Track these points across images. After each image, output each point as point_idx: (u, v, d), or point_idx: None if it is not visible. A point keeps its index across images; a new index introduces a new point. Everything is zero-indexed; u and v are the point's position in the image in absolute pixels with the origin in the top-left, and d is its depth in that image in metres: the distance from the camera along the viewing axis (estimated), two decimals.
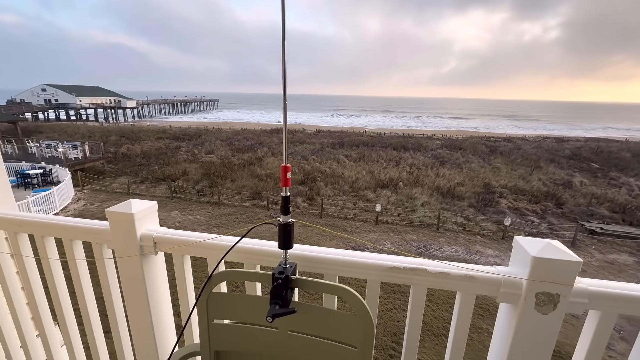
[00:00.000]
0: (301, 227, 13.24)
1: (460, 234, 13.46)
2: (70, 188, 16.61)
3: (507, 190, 19.01)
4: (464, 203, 17.06)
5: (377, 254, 0.90)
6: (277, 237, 0.83)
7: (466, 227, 14.03)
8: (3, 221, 1.16)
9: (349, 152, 27.95)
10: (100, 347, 1.30)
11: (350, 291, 0.75)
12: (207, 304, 0.83)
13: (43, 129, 37.20)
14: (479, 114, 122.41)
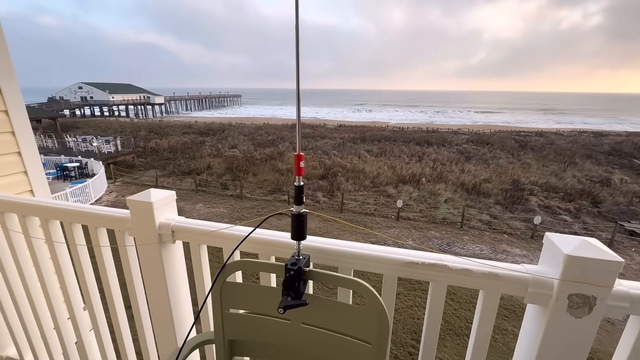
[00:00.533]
0: (321, 222, 13.27)
1: (485, 232, 12.99)
2: (104, 180, 17.55)
3: (537, 188, 18.09)
4: (490, 200, 16.42)
5: (394, 248, 0.86)
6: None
7: (492, 225, 13.52)
8: (36, 208, 1.23)
9: (371, 147, 27.61)
10: (124, 332, 1.35)
11: (364, 285, 0.73)
12: (221, 293, 0.83)
13: (79, 125, 39.44)
14: (510, 107, 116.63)
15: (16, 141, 1.78)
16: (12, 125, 1.76)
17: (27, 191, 1.85)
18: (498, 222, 13.86)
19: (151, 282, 1.11)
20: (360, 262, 0.86)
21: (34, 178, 1.88)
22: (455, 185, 18.31)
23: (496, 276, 0.76)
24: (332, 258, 0.88)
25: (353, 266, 0.88)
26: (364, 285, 0.72)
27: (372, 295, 0.71)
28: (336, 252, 0.87)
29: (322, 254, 0.88)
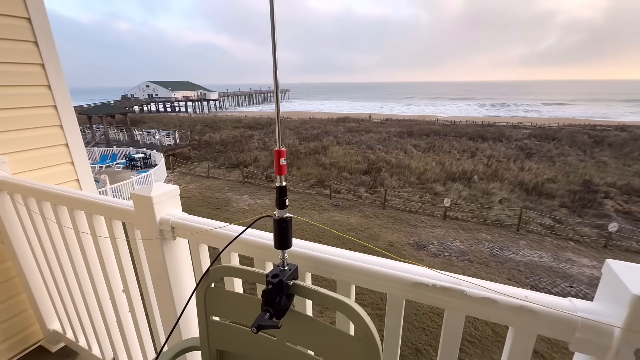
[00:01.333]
0: (363, 218, 13.04)
1: (546, 238, 11.67)
2: (164, 170, 19.20)
3: (615, 190, 15.74)
4: (554, 202, 14.70)
5: (403, 264, 0.72)
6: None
7: (555, 230, 12.09)
8: (63, 198, 1.29)
9: (418, 142, 26.37)
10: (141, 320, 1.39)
11: (352, 308, 0.60)
12: (205, 298, 0.77)
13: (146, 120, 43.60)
14: (585, 98, 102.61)
15: (64, 134, 1.94)
16: (61, 120, 1.91)
17: (74, 180, 2.01)
18: (563, 227, 12.36)
19: (156, 278, 1.10)
20: (361, 278, 0.73)
21: (79, 168, 2.03)
22: (513, 184, 16.70)
23: (531, 312, 0.58)
24: (328, 270, 0.77)
25: (353, 281, 0.76)
26: (351, 309, 0.60)
27: (360, 321, 0.59)
28: (332, 262, 0.75)
29: (317, 264, 0.77)
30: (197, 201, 14.98)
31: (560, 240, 11.56)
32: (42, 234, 1.54)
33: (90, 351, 1.72)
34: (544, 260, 10.18)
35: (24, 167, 1.75)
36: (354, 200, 15.10)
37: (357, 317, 0.60)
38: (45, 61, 1.79)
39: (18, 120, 1.73)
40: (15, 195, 1.54)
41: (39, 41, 1.76)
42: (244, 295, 0.78)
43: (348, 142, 26.96)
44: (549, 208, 14.08)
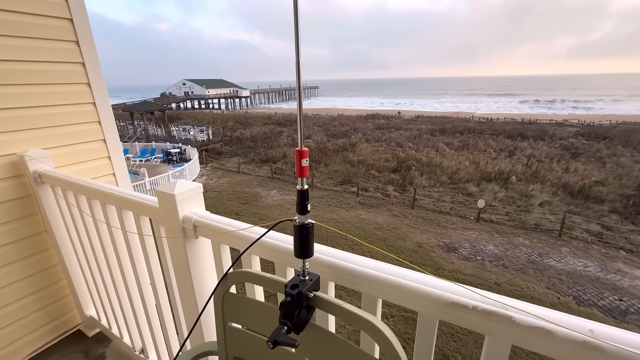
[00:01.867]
0: (391, 217, 12.76)
1: (593, 245, 10.75)
2: (197, 165, 20.00)
3: None
4: (603, 207, 13.49)
5: (437, 280, 0.64)
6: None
7: (604, 238, 11.10)
8: (96, 192, 1.34)
9: (451, 140, 25.32)
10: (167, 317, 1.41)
11: (377, 328, 0.54)
12: (223, 303, 0.74)
13: (182, 116, 45.66)
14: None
15: (102, 130, 2.03)
16: (99, 116, 2.00)
17: (110, 174, 2.10)
18: (613, 234, 11.31)
19: (179, 275, 1.10)
20: (389, 292, 0.66)
21: (116, 163, 2.12)
22: (556, 186, 15.55)
23: (597, 350, 0.48)
24: (353, 280, 0.70)
25: (380, 295, 0.69)
26: (377, 329, 0.54)
27: (387, 343, 0.52)
28: (357, 273, 0.69)
29: (341, 274, 0.71)
30: (227, 195, 15.45)
31: (609, 248, 10.60)
32: (79, 226, 1.61)
33: (122, 339, 1.80)
34: (590, 270, 9.39)
35: (65, 161, 1.85)
36: (381, 198, 14.83)
37: (383, 338, 0.54)
38: (85, 60, 1.88)
39: (60, 116, 1.82)
40: (56, 188, 1.63)
41: (80, 41, 1.84)
42: (263, 303, 0.74)
43: (377, 139, 26.49)
44: (597, 213, 12.95)
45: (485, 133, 27.94)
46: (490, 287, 8.40)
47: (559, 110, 58.18)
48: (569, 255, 10.19)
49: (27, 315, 1.86)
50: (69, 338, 2.02)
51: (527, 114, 47.51)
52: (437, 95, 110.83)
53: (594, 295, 8.31)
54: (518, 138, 25.73)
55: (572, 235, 11.29)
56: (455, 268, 9.22)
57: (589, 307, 7.88)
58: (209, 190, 16.38)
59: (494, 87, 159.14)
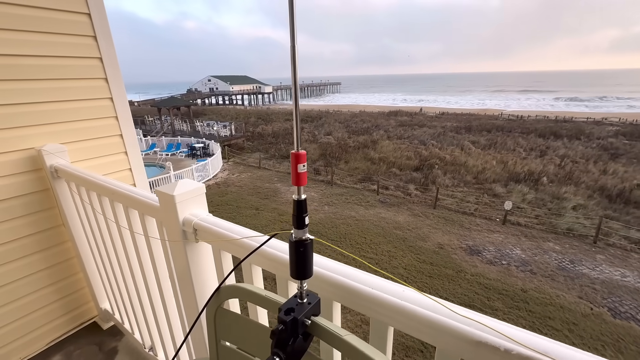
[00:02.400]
0: (411, 217, 12.43)
1: (632, 254, 9.99)
2: (220, 160, 20.42)
3: None
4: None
5: (463, 310, 0.53)
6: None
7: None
8: (105, 189, 1.32)
9: (477, 138, 24.33)
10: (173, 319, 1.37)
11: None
12: (215, 319, 0.68)
13: (206, 112, 46.78)
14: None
15: (119, 125, 2.04)
16: (116, 111, 2.01)
17: (127, 169, 2.12)
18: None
19: (181, 278, 1.05)
20: (402, 320, 0.56)
21: (132, 158, 2.13)
22: (592, 189, 14.57)
23: None
24: (361, 303, 0.61)
25: (392, 322, 0.59)
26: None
27: None
28: (366, 295, 0.59)
29: (347, 294, 0.62)
30: (248, 190, 15.67)
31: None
32: (92, 221, 1.62)
33: (133, 335, 1.80)
34: (628, 280, 8.72)
35: (81, 156, 1.87)
36: (402, 197, 14.49)
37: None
38: (103, 55, 1.88)
39: (78, 111, 1.84)
40: (71, 183, 1.64)
41: (97, 36, 1.84)
42: (257, 323, 0.66)
43: (399, 136, 25.93)
44: (638, 219, 12.00)
45: (515, 131, 26.63)
46: (515, 293, 8.00)
47: (597, 107, 54.47)
48: (605, 263, 9.51)
49: (46, 305, 1.91)
50: (85, 329, 2.06)
51: (561, 112, 44.84)
52: (463, 91, 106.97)
53: (632, 308, 7.71)
54: (551, 137, 24.33)
55: (609, 242, 10.53)
56: (479, 272, 8.85)
57: (625, 320, 7.32)
58: (230, 185, 16.69)
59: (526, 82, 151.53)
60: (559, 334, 6.80)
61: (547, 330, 6.90)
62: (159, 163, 19.81)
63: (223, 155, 21.92)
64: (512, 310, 7.48)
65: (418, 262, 9.27)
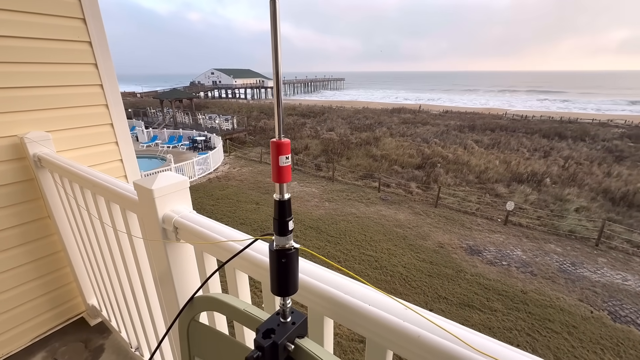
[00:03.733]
0: (412, 214, 12.34)
1: (634, 257, 9.89)
2: (221, 153, 20.32)
3: None
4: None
5: (476, 336, 0.44)
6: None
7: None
8: (88, 181, 1.23)
9: (481, 137, 24.12)
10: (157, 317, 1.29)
11: None
12: (189, 333, 0.59)
13: (209, 105, 46.60)
14: None
15: (109, 113, 1.94)
16: (107, 99, 1.91)
17: (118, 160, 2.03)
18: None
19: (162, 282, 0.97)
20: (403, 345, 0.47)
21: (123, 149, 2.04)
22: (595, 191, 14.42)
23: None
24: (356, 321, 0.52)
25: (390, 346, 0.50)
26: None
27: None
28: (361, 312, 0.50)
29: (340, 310, 0.53)
30: (248, 184, 15.60)
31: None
32: (77, 214, 1.53)
33: (120, 333, 1.73)
34: (629, 284, 8.64)
35: (68, 145, 1.78)
36: (403, 195, 14.39)
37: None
38: (92, 39, 1.78)
39: (64, 98, 1.74)
40: (54, 173, 1.56)
41: (87, 19, 1.74)
42: (235, 342, 0.57)
43: (402, 134, 25.74)
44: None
45: (519, 131, 26.39)
46: (515, 294, 7.93)
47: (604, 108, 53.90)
48: (606, 266, 9.41)
49: (32, 299, 1.84)
50: (72, 325, 1.99)
51: (566, 112, 44.43)
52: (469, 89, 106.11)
53: (633, 312, 7.63)
54: (555, 138, 24.09)
55: (611, 245, 10.42)
56: (479, 272, 8.77)
57: (626, 324, 7.24)
58: (231, 178, 16.62)
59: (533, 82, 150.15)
60: (558, 337, 6.73)
61: (546, 332, 6.83)
62: (160, 155, 19.74)
63: (224, 149, 21.81)
64: (512, 311, 7.41)
65: (418, 261, 9.20)
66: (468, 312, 7.30)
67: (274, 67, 0.38)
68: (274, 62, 0.36)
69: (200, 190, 14.61)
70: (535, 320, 7.14)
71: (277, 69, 0.38)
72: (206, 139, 22.08)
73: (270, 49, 0.35)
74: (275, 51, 0.36)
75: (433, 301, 7.59)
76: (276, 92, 0.39)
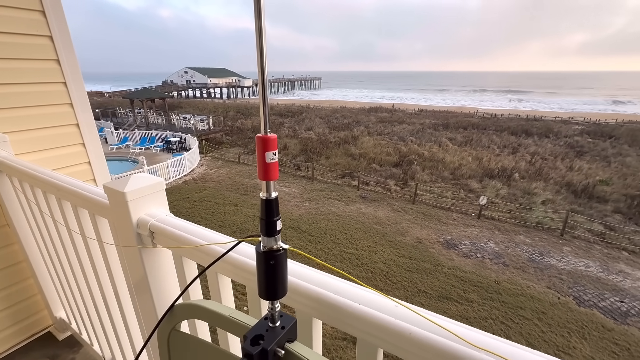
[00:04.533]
0: (391, 212, 12.58)
1: (595, 245, 10.60)
2: (197, 155, 19.76)
3: None
4: (606, 207, 13.30)
5: (470, 331, 0.44)
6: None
7: (606, 238, 10.94)
8: (51, 185, 1.14)
9: (454, 135, 24.98)
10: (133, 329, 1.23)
11: None
12: (169, 343, 0.56)
13: (183, 105, 45.16)
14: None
15: (74, 113, 1.82)
16: (71, 97, 1.79)
17: (85, 162, 1.90)
18: (616, 235, 11.14)
19: (138, 290, 0.91)
20: (395, 342, 0.47)
21: (91, 151, 1.91)
22: (559, 185, 15.33)
23: None
24: (345, 320, 0.51)
25: (381, 344, 0.50)
26: None
27: None
28: (351, 312, 0.49)
29: (329, 310, 0.52)
30: (226, 186, 15.28)
31: (611, 249, 10.43)
32: (40, 221, 1.42)
33: (92, 346, 1.63)
34: (591, 270, 9.25)
35: (29, 148, 1.65)
36: (382, 193, 14.64)
37: None
38: (53, 33, 1.66)
39: (23, 96, 1.61)
40: (13, 178, 1.44)
41: (46, 11, 1.62)
42: (221, 351, 0.55)
43: (379, 132, 26.17)
44: (600, 213, 12.76)
45: (489, 129, 27.57)
46: (490, 285, 8.27)
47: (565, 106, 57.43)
48: (571, 254, 10.03)
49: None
50: (39, 341, 1.86)
51: (532, 110, 46.93)
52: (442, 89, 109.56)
53: (595, 296, 8.18)
54: (522, 135, 25.38)
55: (575, 234, 11.13)
56: (455, 265, 9.08)
57: (589, 307, 7.75)
58: (208, 180, 16.21)
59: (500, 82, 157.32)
60: (529, 323, 7.10)
61: (518, 319, 7.18)
62: (131, 157, 18.91)
63: (201, 150, 21.24)
64: (487, 301, 7.72)
65: (397, 257, 9.38)
66: (446, 305, 7.54)
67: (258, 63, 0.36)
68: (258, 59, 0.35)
69: (176, 192, 14.15)
70: (509, 309, 7.48)
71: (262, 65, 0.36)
72: (181, 139, 21.39)
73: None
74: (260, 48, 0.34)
75: (413, 295, 7.77)
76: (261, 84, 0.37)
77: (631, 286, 8.63)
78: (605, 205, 13.44)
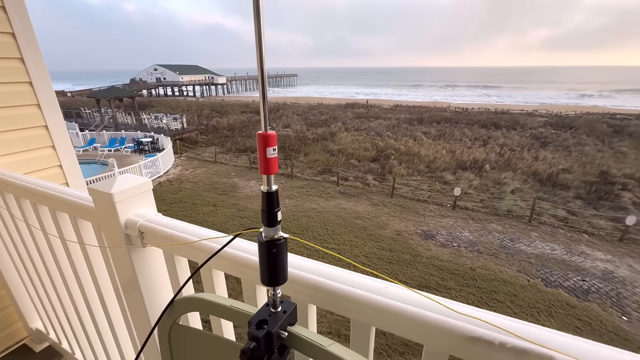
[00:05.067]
0: (370, 206, 12.82)
1: (559, 230, 11.34)
2: (171, 155, 19.13)
3: (634, 182, 15.15)
4: (568, 194, 14.23)
5: (451, 302, 0.49)
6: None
7: (569, 223, 11.73)
8: (25, 189, 1.09)
9: (428, 129, 25.73)
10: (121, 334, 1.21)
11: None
12: (170, 338, 0.57)
13: (154, 104, 43.45)
14: (612, 88, 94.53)
15: (42, 114, 1.73)
16: (37, 98, 1.70)
17: (56, 166, 1.82)
18: (577, 219, 11.97)
19: (127, 292, 0.91)
20: (386, 319, 0.51)
21: (62, 153, 1.83)
22: (526, 174, 16.22)
23: None
24: (339, 304, 0.55)
25: (373, 322, 0.54)
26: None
27: None
28: (345, 295, 0.53)
29: (324, 296, 0.55)
30: (204, 186, 14.93)
31: (574, 232, 11.21)
32: (11, 228, 1.36)
33: (74, 355, 1.57)
34: (556, 253, 9.90)
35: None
36: (361, 187, 14.87)
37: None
38: (15, 30, 1.57)
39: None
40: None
41: (6, 6, 1.53)
42: (222, 339, 0.57)
43: (356, 128, 26.48)
44: (564, 199, 13.64)
45: (461, 123, 28.61)
46: (465, 272, 8.66)
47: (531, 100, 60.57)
48: (538, 239, 10.68)
49: None
50: (13, 354, 1.77)
51: (500, 104, 49.13)
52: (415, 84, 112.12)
53: (560, 277, 8.78)
54: (492, 127, 26.54)
55: (541, 220, 11.84)
56: (433, 255, 9.42)
57: (555, 288, 8.31)
58: (184, 181, 15.76)
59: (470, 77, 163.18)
60: (502, 306, 7.51)
61: (492, 303, 7.58)
62: (100, 160, 18.03)
63: (175, 150, 20.58)
64: (463, 287, 8.09)
65: (378, 250, 9.60)
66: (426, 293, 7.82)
67: (258, 62, 0.38)
68: (258, 57, 0.37)
69: None
70: (483, 293, 7.88)
71: (261, 63, 0.38)
72: (153, 140, 20.62)
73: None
74: (259, 46, 0.36)
75: None
76: (261, 86, 0.40)
77: (591, 266, 9.33)
78: (568, 192, 14.38)
